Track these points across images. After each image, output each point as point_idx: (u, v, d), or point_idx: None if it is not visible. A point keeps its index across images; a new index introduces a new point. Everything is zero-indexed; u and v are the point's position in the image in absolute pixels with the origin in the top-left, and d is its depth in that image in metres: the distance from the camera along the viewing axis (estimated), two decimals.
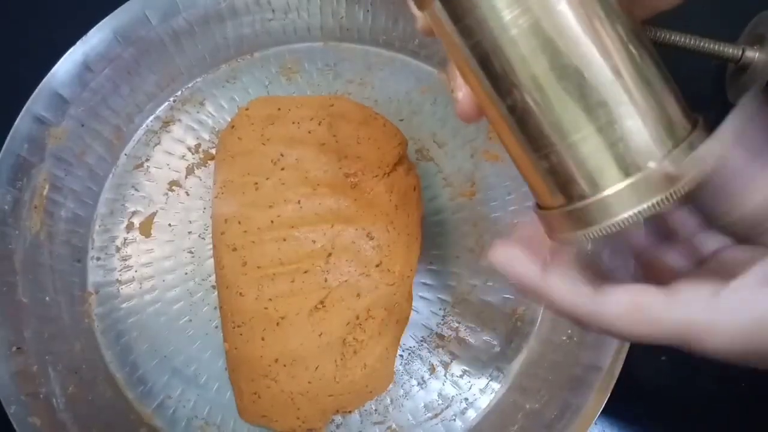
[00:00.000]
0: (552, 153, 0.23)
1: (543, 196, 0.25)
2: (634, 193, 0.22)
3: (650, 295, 0.23)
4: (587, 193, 0.23)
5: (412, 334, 0.43)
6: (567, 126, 0.23)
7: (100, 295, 0.44)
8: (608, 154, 0.23)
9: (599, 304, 0.24)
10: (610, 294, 0.24)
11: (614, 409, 0.44)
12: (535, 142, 0.24)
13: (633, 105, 0.22)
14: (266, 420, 0.39)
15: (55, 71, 0.43)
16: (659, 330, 0.23)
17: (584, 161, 0.23)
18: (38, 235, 0.42)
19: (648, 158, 0.22)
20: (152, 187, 0.46)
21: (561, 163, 0.23)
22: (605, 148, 0.23)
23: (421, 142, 0.48)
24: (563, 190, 0.24)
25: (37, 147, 0.43)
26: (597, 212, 0.23)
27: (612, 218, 0.23)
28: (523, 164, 0.25)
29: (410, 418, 0.41)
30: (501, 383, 0.42)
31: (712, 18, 0.55)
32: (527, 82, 0.23)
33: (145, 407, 0.41)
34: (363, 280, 0.39)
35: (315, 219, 0.40)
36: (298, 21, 0.50)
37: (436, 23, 0.25)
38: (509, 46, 0.23)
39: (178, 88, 0.49)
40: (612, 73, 0.22)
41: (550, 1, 0.22)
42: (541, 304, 0.26)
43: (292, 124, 0.43)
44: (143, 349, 0.43)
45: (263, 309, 0.38)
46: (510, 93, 0.23)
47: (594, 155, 0.23)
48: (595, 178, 0.23)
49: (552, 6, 0.22)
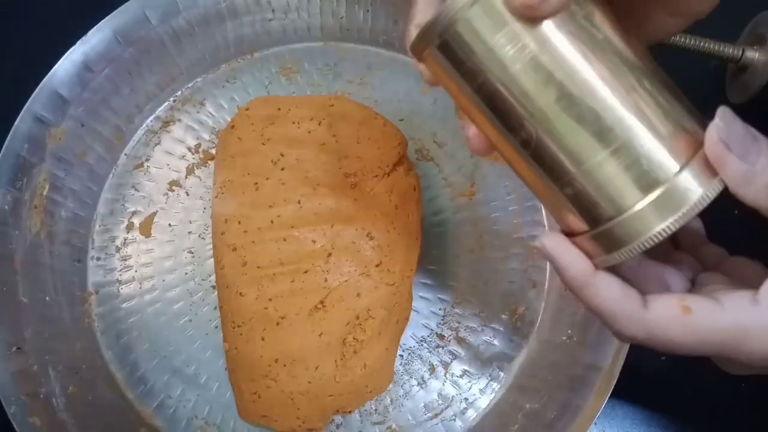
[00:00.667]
0: (572, 181, 0.23)
1: (570, 223, 0.25)
2: (659, 209, 0.23)
3: (699, 302, 0.24)
4: (613, 215, 0.23)
5: (412, 334, 0.43)
6: (582, 153, 0.23)
7: (100, 295, 0.44)
8: (628, 174, 0.23)
9: (650, 310, 0.24)
10: (658, 301, 0.24)
11: (614, 409, 0.44)
12: (553, 172, 0.24)
13: (644, 123, 0.23)
14: (266, 420, 0.39)
15: (55, 71, 0.43)
16: (707, 336, 0.23)
17: (605, 184, 0.23)
18: (38, 235, 0.42)
19: (667, 173, 0.23)
20: (152, 187, 0.46)
21: (582, 189, 0.23)
22: (624, 168, 0.23)
23: (421, 142, 0.48)
24: (589, 215, 0.24)
25: (37, 147, 0.43)
26: (626, 232, 0.23)
27: (642, 236, 0.23)
28: (545, 195, 0.25)
29: (410, 418, 0.41)
30: (501, 383, 0.42)
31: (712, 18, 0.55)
32: (536, 116, 0.23)
33: (145, 407, 0.41)
34: (363, 280, 0.39)
35: (315, 219, 0.40)
36: (298, 21, 0.50)
37: (437, 72, 0.25)
38: (513, 84, 0.23)
39: (178, 88, 0.49)
40: (617, 95, 0.23)
41: (546, 34, 0.22)
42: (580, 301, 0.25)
43: (292, 124, 0.43)
44: (143, 349, 0.43)
45: (263, 309, 0.38)
46: (521, 128, 0.24)
47: (614, 177, 0.23)
48: (618, 199, 0.23)
49: (548, 38, 0.22)
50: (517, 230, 0.45)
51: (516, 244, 0.45)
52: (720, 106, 0.23)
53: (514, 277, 0.44)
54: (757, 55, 0.46)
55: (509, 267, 0.44)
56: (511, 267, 0.44)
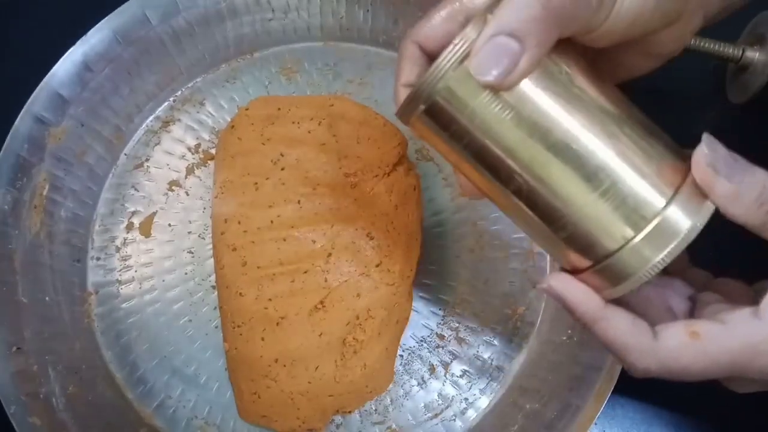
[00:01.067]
0: (566, 223, 0.25)
1: (571, 260, 0.26)
2: (655, 241, 0.24)
3: (706, 326, 0.24)
4: (612, 251, 0.24)
5: (412, 334, 0.43)
6: (574, 196, 0.24)
7: (100, 295, 0.44)
8: (619, 212, 0.24)
9: (661, 339, 0.25)
10: (668, 329, 0.25)
11: (614, 409, 0.44)
12: (547, 217, 0.25)
13: (627, 164, 0.24)
14: (266, 420, 0.39)
15: (55, 71, 0.43)
16: (718, 357, 0.24)
17: (599, 224, 0.24)
18: (38, 235, 0.42)
19: (657, 207, 0.24)
20: (152, 187, 0.46)
21: (577, 230, 0.25)
22: (614, 208, 0.24)
23: (421, 142, 0.48)
24: (589, 253, 0.25)
25: (37, 147, 0.43)
26: (628, 265, 0.24)
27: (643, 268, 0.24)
28: (541, 239, 0.27)
29: (410, 418, 0.41)
30: (501, 383, 0.42)
31: None
32: (523, 168, 0.24)
33: (145, 407, 0.41)
34: (363, 280, 0.39)
35: (315, 219, 0.40)
36: (298, 21, 0.50)
37: (424, 134, 0.26)
38: (497, 141, 0.24)
39: (178, 88, 0.49)
40: (599, 141, 0.24)
41: (524, 93, 0.23)
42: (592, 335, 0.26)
43: (292, 124, 0.43)
44: (143, 349, 0.43)
45: (263, 309, 0.38)
46: (510, 180, 0.25)
47: (606, 216, 0.24)
48: (614, 236, 0.24)
49: (526, 97, 0.24)
50: (517, 230, 0.45)
51: (516, 244, 0.45)
52: (704, 133, 0.24)
53: (514, 277, 0.44)
54: (757, 55, 0.46)
55: (509, 267, 0.44)
56: (511, 267, 0.44)
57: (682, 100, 0.53)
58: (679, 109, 0.52)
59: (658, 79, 0.53)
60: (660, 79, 0.53)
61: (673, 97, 0.53)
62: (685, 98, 0.53)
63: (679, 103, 0.53)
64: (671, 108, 0.53)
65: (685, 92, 0.55)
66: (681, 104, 0.53)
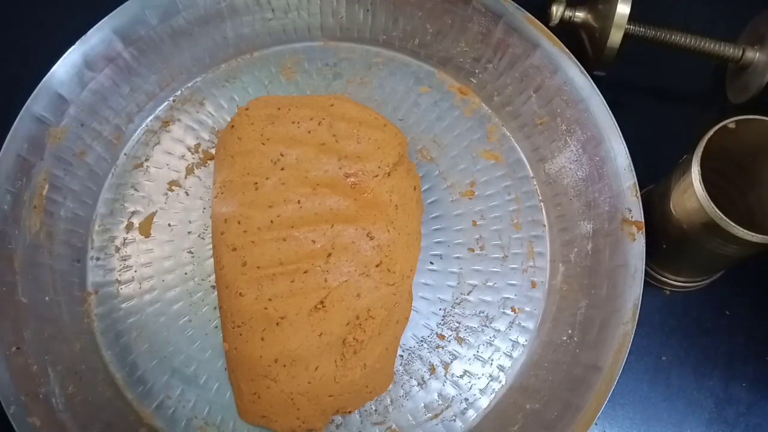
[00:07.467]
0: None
1: None
2: None
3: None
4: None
5: (412, 334, 0.43)
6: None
7: (99, 295, 0.44)
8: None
9: None
10: None
11: (614, 409, 0.44)
12: None
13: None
14: (266, 420, 0.39)
15: (54, 71, 0.43)
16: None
17: None
18: (38, 235, 0.42)
19: None
20: (152, 187, 0.46)
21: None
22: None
23: (421, 142, 0.48)
24: None
25: (36, 147, 0.43)
26: None
27: None
28: None
29: (410, 419, 0.41)
30: (501, 383, 0.42)
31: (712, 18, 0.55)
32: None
33: (145, 407, 0.41)
34: (363, 280, 0.39)
35: (315, 219, 0.40)
36: (298, 21, 0.50)
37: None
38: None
39: (178, 88, 0.49)
40: None
41: None
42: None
43: (291, 124, 0.43)
44: (143, 349, 0.43)
45: (263, 309, 0.38)
46: None
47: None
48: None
49: None
50: (517, 230, 0.45)
51: (516, 244, 0.45)
52: None
53: (514, 277, 0.44)
54: (757, 55, 0.46)
55: (509, 267, 0.44)
56: (511, 267, 0.44)
57: (682, 100, 0.53)
58: (679, 109, 0.53)
59: (658, 79, 0.53)
60: (660, 79, 0.53)
61: (673, 97, 0.53)
62: (685, 98, 0.53)
63: (679, 103, 0.53)
64: (671, 108, 0.53)
65: (685, 92, 0.55)
66: (681, 104, 0.53)
